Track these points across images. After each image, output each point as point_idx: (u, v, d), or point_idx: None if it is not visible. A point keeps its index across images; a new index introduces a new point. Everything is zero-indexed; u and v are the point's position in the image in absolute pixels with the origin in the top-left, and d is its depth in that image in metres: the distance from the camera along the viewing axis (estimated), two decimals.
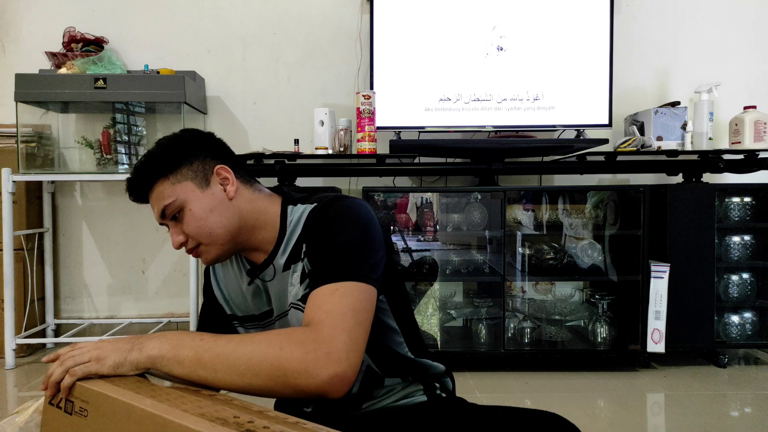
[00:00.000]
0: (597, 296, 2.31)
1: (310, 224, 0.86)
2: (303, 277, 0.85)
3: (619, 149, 2.25)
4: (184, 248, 0.88)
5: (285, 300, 0.89)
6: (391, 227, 2.36)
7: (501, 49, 2.37)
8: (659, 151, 2.25)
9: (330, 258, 0.78)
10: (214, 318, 1.01)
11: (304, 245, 0.86)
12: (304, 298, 0.83)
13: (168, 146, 0.88)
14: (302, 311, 0.83)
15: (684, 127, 2.31)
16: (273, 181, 2.37)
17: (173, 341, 0.73)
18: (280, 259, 0.89)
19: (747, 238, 2.26)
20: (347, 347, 0.69)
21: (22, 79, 2.23)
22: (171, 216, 0.86)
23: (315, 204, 0.88)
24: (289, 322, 0.88)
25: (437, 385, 0.95)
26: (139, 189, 0.88)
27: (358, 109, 2.20)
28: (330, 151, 2.25)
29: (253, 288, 0.93)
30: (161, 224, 0.90)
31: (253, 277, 0.92)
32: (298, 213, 0.89)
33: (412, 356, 0.93)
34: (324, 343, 0.69)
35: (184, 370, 0.71)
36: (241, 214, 0.88)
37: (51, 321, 2.55)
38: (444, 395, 0.95)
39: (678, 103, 2.39)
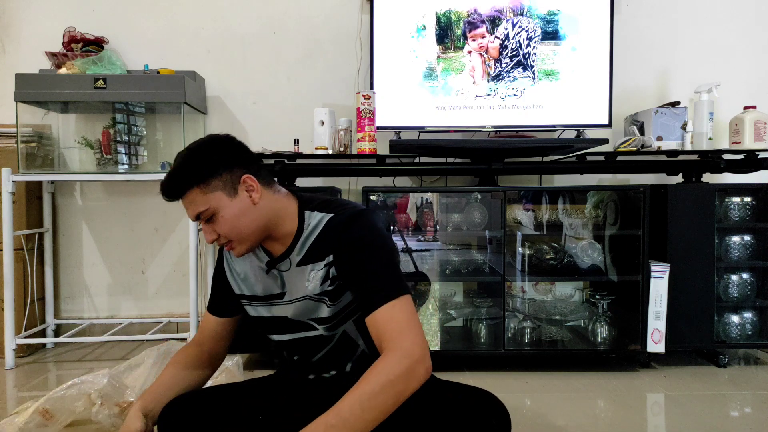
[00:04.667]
0: (597, 296, 2.31)
1: (336, 236, 1.01)
2: (325, 279, 1.03)
3: (619, 149, 2.25)
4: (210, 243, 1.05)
5: (299, 289, 1.06)
6: (391, 227, 2.36)
7: (503, 49, 2.37)
8: (659, 151, 2.25)
9: (376, 281, 0.96)
10: (221, 298, 1.19)
11: (331, 255, 1.02)
12: (324, 293, 1.04)
13: (199, 157, 1.00)
14: (316, 302, 1.05)
15: (684, 127, 2.31)
16: None
17: None
18: (296, 257, 1.06)
19: (747, 238, 2.25)
20: (421, 348, 0.92)
21: (22, 79, 2.23)
22: (205, 219, 1.01)
23: (333, 214, 1.04)
24: (304, 307, 1.06)
25: None
26: (172, 194, 1.00)
27: (358, 109, 2.20)
28: (330, 151, 2.25)
29: (270, 275, 1.10)
30: (194, 221, 1.06)
31: (270, 267, 1.09)
32: (316, 219, 1.05)
33: None
34: (410, 356, 0.90)
35: None
36: (265, 215, 1.03)
37: (51, 321, 2.55)
38: None
39: (678, 103, 2.39)
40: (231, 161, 1.01)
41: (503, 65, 2.38)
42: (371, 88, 2.36)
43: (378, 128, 2.26)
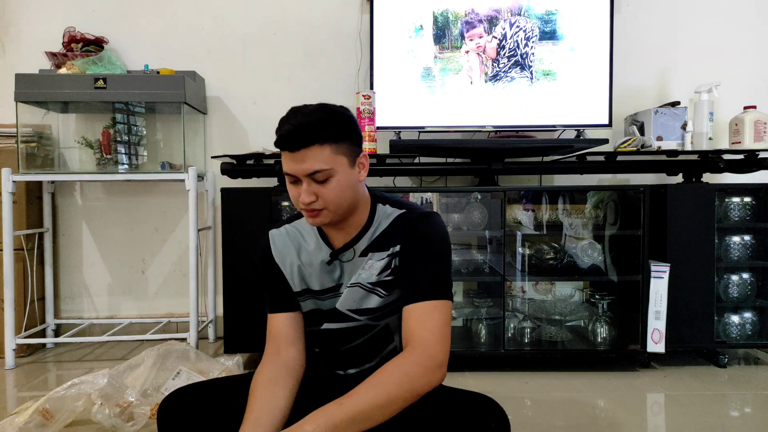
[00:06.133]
0: (597, 296, 2.31)
1: (406, 229, 1.06)
2: (386, 268, 1.06)
3: (619, 149, 2.25)
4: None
5: (352, 278, 1.08)
6: None
7: (501, 49, 2.37)
8: (659, 151, 2.25)
9: (429, 276, 1.01)
10: (284, 293, 1.13)
11: (398, 246, 1.05)
12: (379, 284, 1.06)
13: (342, 119, 1.00)
14: (368, 291, 1.07)
15: (684, 127, 2.31)
16: (273, 181, 2.37)
17: (324, 416, 0.86)
18: (362, 245, 1.08)
19: (747, 238, 2.25)
20: (444, 355, 0.96)
21: (22, 79, 2.23)
22: (318, 179, 0.98)
23: (404, 211, 1.09)
24: (352, 296, 1.08)
25: None
26: (303, 140, 0.96)
27: (358, 109, 2.20)
28: None
29: (330, 266, 1.10)
30: (292, 177, 1.00)
31: (334, 258, 1.09)
32: (387, 213, 1.09)
33: None
34: (433, 357, 0.94)
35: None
36: (357, 196, 1.06)
37: (51, 321, 2.55)
38: None
39: (678, 103, 2.39)
40: (358, 136, 1.05)
41: (501, 65, 2.38)
42: (371, 88, 2.36)
43: (378, 128, 2.26)
